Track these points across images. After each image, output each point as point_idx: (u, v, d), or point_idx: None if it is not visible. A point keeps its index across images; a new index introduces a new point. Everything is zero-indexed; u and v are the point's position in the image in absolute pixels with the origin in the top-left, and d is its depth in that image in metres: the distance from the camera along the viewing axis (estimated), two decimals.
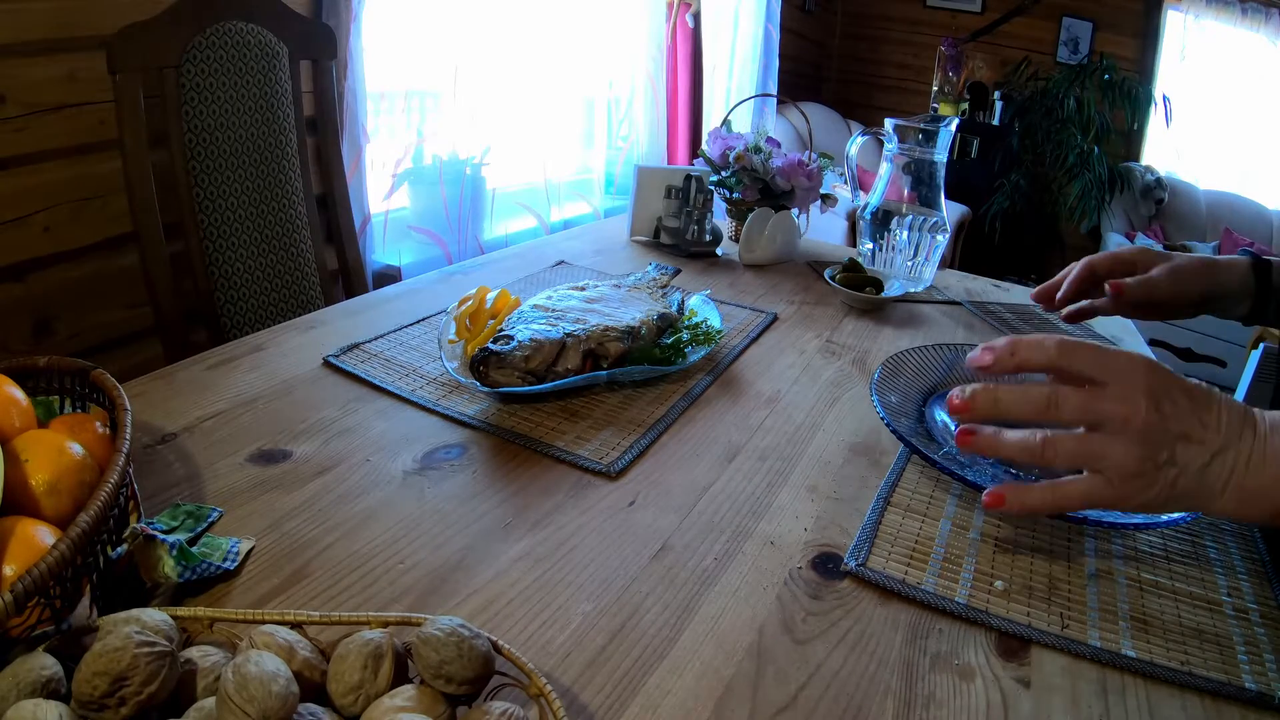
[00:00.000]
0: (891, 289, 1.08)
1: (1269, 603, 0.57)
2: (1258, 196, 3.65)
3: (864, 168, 2.56)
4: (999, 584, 0.55)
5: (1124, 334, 1.07)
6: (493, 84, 1.98)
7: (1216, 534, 0.65)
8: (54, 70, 1.17)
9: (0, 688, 0.35)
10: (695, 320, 0.88)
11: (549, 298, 0.84)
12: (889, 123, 1.15)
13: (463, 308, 0.78)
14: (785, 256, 1.27)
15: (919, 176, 1.14)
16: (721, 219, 1.36)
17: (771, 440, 0.73)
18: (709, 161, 1.32)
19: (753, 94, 2.70)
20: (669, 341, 0.84)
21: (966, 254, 3.63)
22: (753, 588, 0.54)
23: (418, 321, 0.91)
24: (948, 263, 2.28)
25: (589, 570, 0.54)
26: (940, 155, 1.14)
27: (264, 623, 0.41)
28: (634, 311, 0.84)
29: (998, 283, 1.26)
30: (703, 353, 0.84)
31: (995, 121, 3.82)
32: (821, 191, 1.30)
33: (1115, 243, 3.50)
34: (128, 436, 0.48)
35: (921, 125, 1.13)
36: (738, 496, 0.64)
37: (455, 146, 1.91)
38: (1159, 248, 1.04)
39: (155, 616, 0.39)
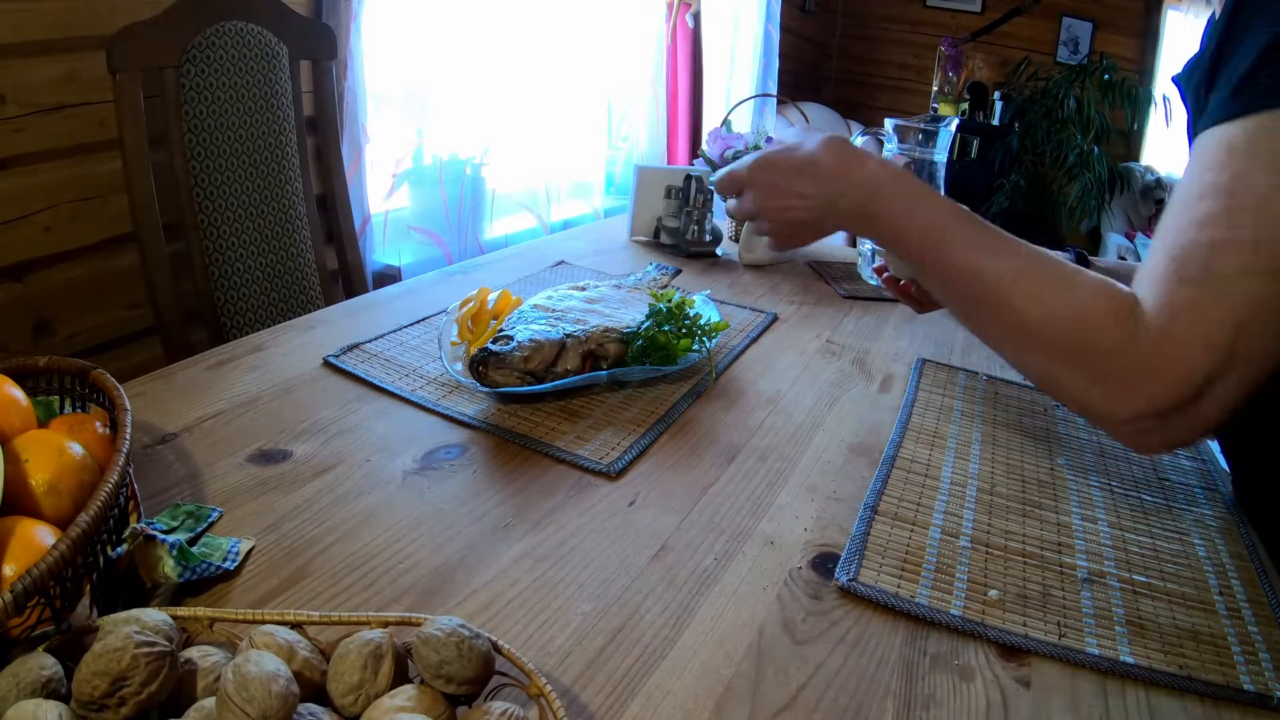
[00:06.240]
0: None
1: (1261, 600, 0.57)
2: None
3: None
4: (993, 593, 0.55)
5: None
6: (493, 84, 1.98)
7: (1204, 531, 0.65)
8: (54, 70, 1.16)
9: (0, 688, 0.35)
10: None
11: (549, 298, 0.84)
12: (889, 123, 1.15)
13: (464, 309, 0.78)
14: (785, 257, 1.27)
15: (919, 176, 1.14)
16: (721, 219, 1.36)
17: (771, 440, 0.73)
18: (709, 161, 1.32)
19: (753, 94, 2.70)
20: None
21: None
22: (752, 588, 0.54)
23: (418, 321, 0.91)
24: None
25: (589, 570, 0.54)
26: (940, 155, 1.14)
27: (264, 623, 0.41)
28: (634, 312, 0.84)
29: None
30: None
31: (995, 121, 3.82)
32: None
33: (1115, 243, 3.50)
34: (128, 436, 0.48)
35: (921, 125, 1.13)
36: (738, 496, 0.64)
37: (455, 146, 1.91)
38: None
39: (155, 616, 0.39)
